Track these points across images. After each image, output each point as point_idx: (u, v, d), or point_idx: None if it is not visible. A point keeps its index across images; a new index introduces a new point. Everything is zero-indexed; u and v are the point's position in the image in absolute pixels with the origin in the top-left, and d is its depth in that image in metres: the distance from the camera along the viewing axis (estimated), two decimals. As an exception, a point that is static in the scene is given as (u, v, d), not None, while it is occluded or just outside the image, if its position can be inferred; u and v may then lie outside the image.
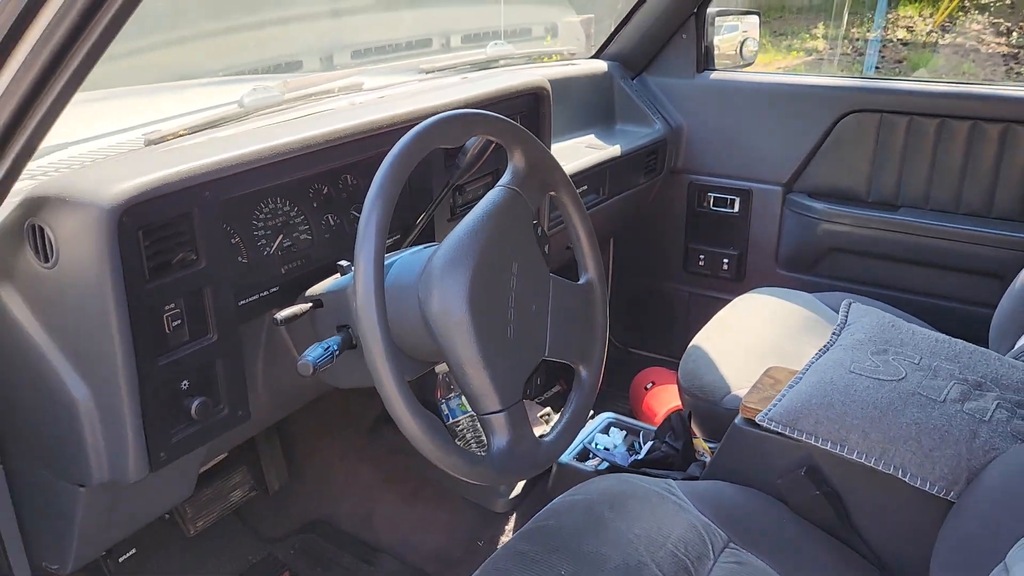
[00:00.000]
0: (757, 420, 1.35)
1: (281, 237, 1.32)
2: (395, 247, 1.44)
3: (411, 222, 1.46)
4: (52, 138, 1.41)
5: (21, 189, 1.03)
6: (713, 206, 2.43)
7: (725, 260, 2.44)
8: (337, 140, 1.27)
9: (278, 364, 1.30)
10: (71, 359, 1.04)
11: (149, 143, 1.34)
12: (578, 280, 1.31)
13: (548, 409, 1.93)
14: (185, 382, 1.11)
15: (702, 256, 2.48)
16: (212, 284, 1.11)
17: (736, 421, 1.41)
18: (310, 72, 1.70)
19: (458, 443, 1.64)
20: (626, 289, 2.68)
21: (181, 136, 1.37)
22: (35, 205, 1.00)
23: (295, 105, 1.61)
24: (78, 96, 0.90)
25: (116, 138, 1.48)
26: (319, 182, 1.39)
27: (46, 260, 1.01)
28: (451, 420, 1.80)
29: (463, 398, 1.76)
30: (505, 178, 1.20)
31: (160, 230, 1.04)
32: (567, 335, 1.25)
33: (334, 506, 1.93)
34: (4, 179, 0.90)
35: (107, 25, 0.81)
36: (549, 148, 1.76)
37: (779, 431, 1.33)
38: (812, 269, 2.32)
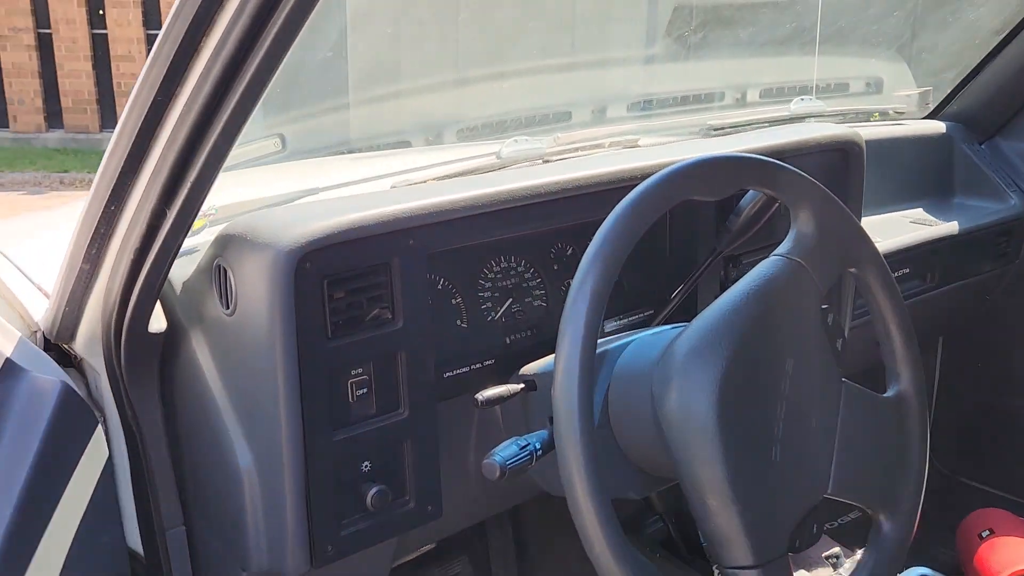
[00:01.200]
0: None
1: (510, 301, 1.12)
2: (644, 325, 1.18)
3: (668, 296, 1.19)
4: (305, 183, 1.38)
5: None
6: (1090, 307, 1.85)
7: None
8: (579, 189, 1.06)
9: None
10: (243, 421, 0.91)
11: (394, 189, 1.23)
12: (885, 391, 0.96)
13: (837, 549, 1.50)
14: (366, 464, 0.94)
15: (1069, 370, 1.90)
16: (408, 349, 0.94)
17: None
18: (580, 125, 1.52)
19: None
20: (957, 403, 2.14)
21: (427, 184, 1.25)
22: (223, 243, 0.90)
23: (557, 159, 1.43)
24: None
25: (366, 186, 1.40)
26: (563, 241, 1.18)
27: (227, 306, 0.89)
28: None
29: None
30: (785, 246, 0.90)
31: (350, 281, 0.89)
32: (863, 467, 0.90)
33: None
34: (179, 216, 0.79)
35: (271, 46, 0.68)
36: (859, 219, 1.41)
37: None
38: None
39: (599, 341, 0.96)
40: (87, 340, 0.96)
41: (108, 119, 9.26)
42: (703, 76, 1.79)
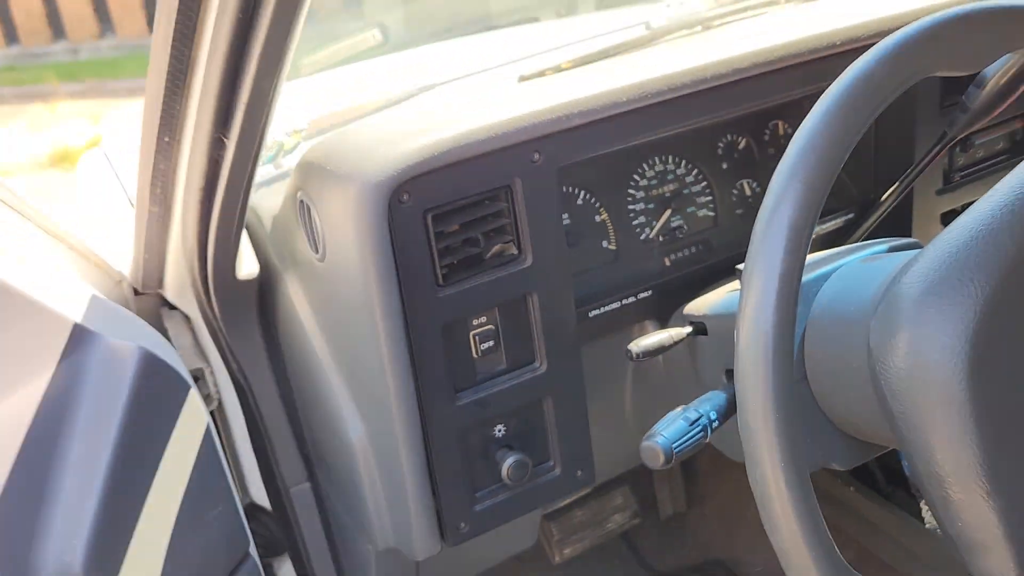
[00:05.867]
0: None
1: (669, 213, 0.91)
2: (841, 236, 0.93)
3: (875, 195, 0.93)
4: (416, 79, 1.19)
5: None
6: None
7: None
8: (757, 67, 0.80)
9: (650, 406, 0.90)
10: (350, 389, 0.77)
11: (523, 80, 1.02)
12: None
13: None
14: (500, 428, 0.77)
15: None
16: (542, 289, 0.75)
17: None
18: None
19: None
20: None
21: (564, 70, 1.02)
22: (304, 172, 0.73)
23: (723, 25, 1.16)
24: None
25: (489, 76, 1.20)
26: (734, 132, 0.94)
27: (316, 250, 0.73)
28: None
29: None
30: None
31: (462, 212, 0.70)
32: None
33: (742, 549, 1.51)
34: (241, 145, 0.62)
35: None
36: None
37: None
38: None
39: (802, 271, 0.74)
40: (177, 288, 0.84)
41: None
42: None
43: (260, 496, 0.97)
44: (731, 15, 1.17)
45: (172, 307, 0.95)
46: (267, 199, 0.83)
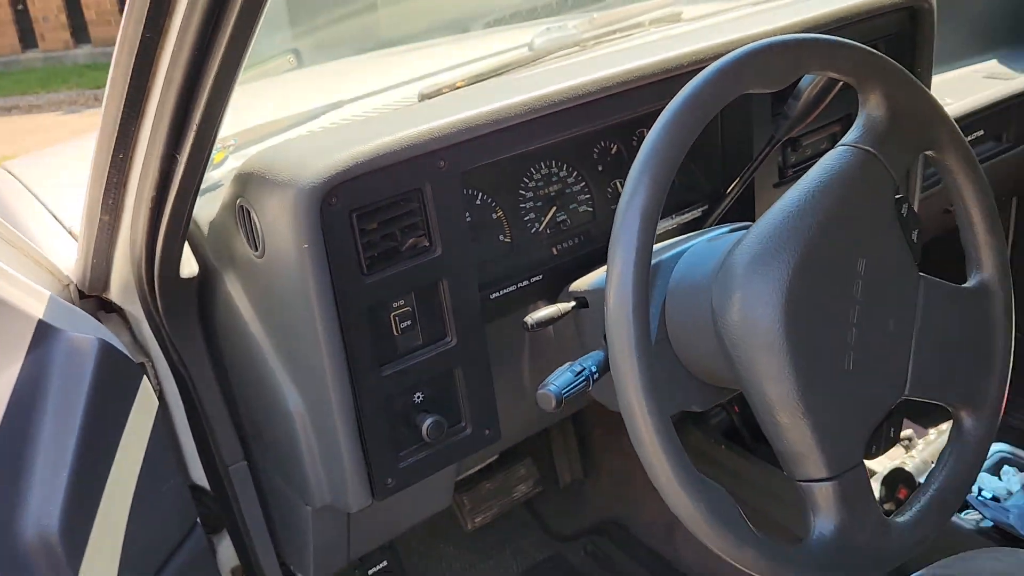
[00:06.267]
0: None
1: (554, 210, 1.06)
2: (697, 224, 1.11)
3: (722, 189, 1.11)
4: (327, 96, 1.31)
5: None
6: None
7: None
8: (621, 85, 0.97)
9: (545, 374, 1.06)
10: (287, 366, 0.89)
11: (423, 97, 1.15)
12: (965, 281, 0.88)
13: (910, 431, 1.46)
14: (418, 395, 0.91)
15: None
16: (451, 276, 0.89)
17: None
18: (613, 5, 1.40)
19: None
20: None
21: (459, 88, 1.16)
22: (243, 182, 0.84)
23: (596, 45, 1.32)
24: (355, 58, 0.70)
25: (392, 94, 1.32)
26: (608, 139, 1.10)
27: (255, 248, 0.85)
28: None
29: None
30: (853, 134, 0.82)
31: (381, 212, 0.83)
32: (944, 364, 0.84)
33: (631, 509, 1.69)
34: (190, 160, 0.73)
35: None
36: (930, 84, 1.28)
37: None
38: None
39: (656, 249, 0.91)
40: (122, 289, 0.94)
41: (133, 29, 9.11)
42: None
43: (200, 477, 1.06)
44: (603, 37, 1.34)
45: (108, 310, 1.04)
46: (202, 207, 0.94)
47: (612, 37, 1.34)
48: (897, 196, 0.82)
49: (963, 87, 1.59)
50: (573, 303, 0.93)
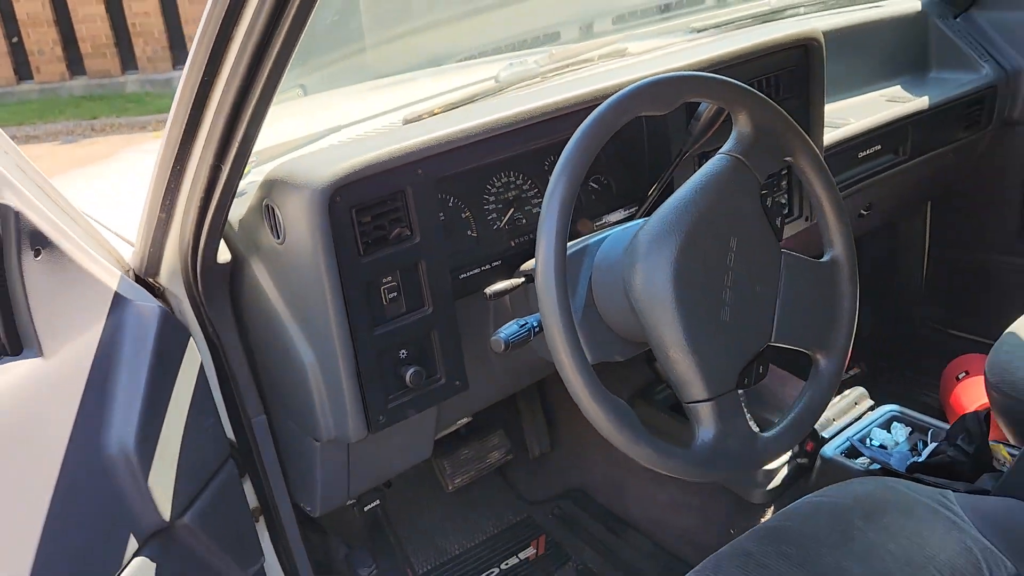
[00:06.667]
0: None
1: (512, 211, 1.33)
2: (632, 218, 1.38)
3: (647, 192, 1.38)
4: (329, 122, 1.57)
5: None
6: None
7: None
8: (559, 111, 1.24)
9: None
10: (301, 327, 1.14)
11: (407, 122, 1.42)
12: (821, 257, 1.15)
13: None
14: (403, 351, 1.17)
15: (1044, 224, 2.05)
16: (426, 258, 1.15)
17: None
18: (568, 43, 1.68)
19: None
20: (946, 261, 2.31)
21: (436, 114, 1.43)
22: (269, 186, 1.11)
23: (553, 77, 1.60)
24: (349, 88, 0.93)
25: (380, 120, 1.58)
26: (554, 155, 1.37)
27: (278, 237, 1.11)
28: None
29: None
30: (728, 144, 1.08)
31: (374, 208, 1.10)
32: (802, 319, 1.10)
33: (589, 475, 1.94)
34: (231, 170, 1.00)
35: (291, 24, 0.86)
36: (822, 108, 1.56)
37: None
38: None
39: (585, 238, 1.17)
40: (170, 274, 1.19)
41: (128, 61, 9.38)
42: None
43: (228, 432, 1.32)
44: (559, 69, 1.60)
45: (154, 295, 1.29)
46: (231, 210, 1.20)
47: (567, 69, 1.61)
48: (763, 192, 1.09)
49: (867, 109, 1.86)
50: (523, 279, 1.19)
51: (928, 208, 2.30)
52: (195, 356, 1.14)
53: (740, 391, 1.04)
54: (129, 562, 1.01)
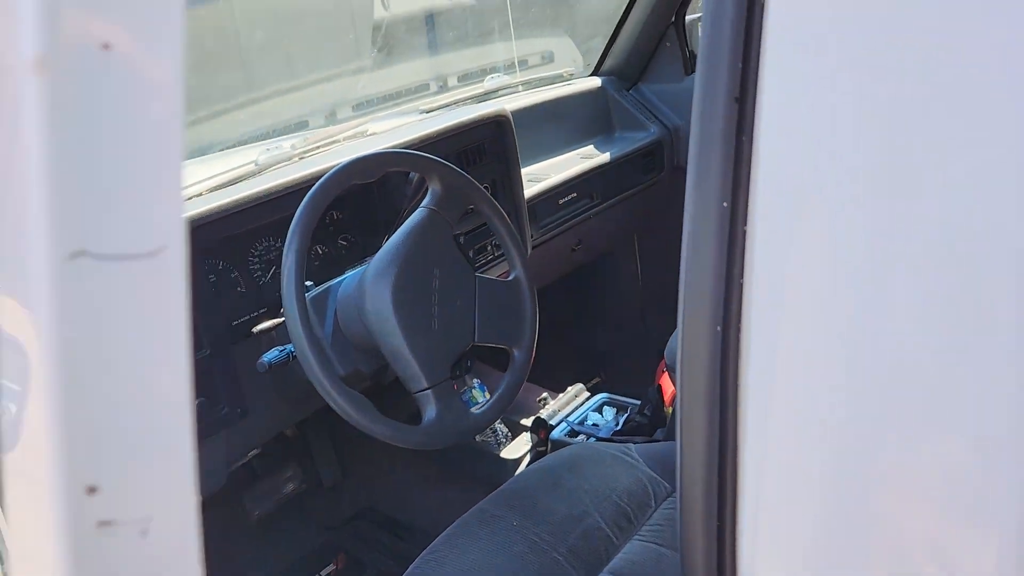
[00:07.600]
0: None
1: (275, 268, 1.64)
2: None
3: (381, 242, 1.74)
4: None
5: None
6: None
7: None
8: (292, 188, 1.57)
9: (283, 373, 1.62)
10: None
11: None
12: (509, 277, 1.56)
13: (545, 394, 2.16)
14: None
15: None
16: (201, 311, 1.44)
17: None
18: (316, 128, 2.03)
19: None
20: (658, 281, 2.85)
21: (203, 195, 1.73)
22: None
23: (306, 157, 1.93)
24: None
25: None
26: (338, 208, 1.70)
27: None
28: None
29: (473, 391, 2.02)
30: (426, 200, 1.47)
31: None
32: (497, 324, 1.49)
33: (379, 494, 2.23)
34: None
35: None
36: (518, 167, 2.00)
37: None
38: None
39: (329, 282, 1.50)
40: None
41: None
42: (412, 75, 2.33)
43: None
44: (312, 151, 1.94)
45: None
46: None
47: (318, 151, 1.96)
48: (456, 233, 1.49)
49: (565, 165, 2.34)
50: (283, 318, 1.51)
51: (635, 240, 2.83)
52: None
53: (452, 380, 1.41)
54: None
